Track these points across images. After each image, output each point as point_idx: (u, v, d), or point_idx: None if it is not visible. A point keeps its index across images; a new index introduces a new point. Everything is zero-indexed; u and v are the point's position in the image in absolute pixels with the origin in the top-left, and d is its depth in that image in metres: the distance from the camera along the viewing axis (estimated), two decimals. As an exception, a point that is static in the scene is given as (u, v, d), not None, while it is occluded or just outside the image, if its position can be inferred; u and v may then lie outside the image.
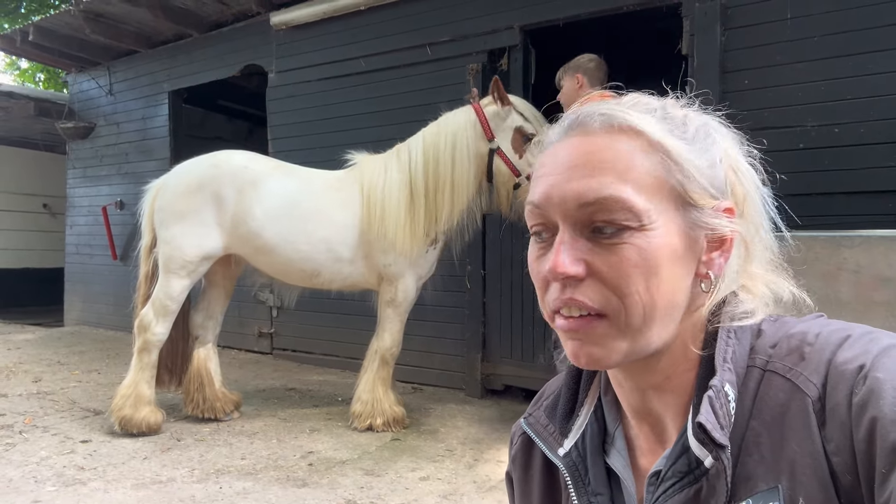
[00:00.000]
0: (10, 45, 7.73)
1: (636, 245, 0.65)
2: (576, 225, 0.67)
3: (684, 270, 0.68)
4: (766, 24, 3.85)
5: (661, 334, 0.68)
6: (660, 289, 0.66)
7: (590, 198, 0.66)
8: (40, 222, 10.94)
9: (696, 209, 0.68)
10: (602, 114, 0.70)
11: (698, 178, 0.68)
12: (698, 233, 0.68)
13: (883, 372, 0.58)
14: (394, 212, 3.94)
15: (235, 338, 6.57)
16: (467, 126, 3.88)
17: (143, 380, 3.88)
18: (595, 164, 0.67)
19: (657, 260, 0.65)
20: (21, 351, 6.63)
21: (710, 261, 0.69)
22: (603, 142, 0.68)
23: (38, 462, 3.36)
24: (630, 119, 0.68)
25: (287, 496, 2.97)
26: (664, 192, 0.67)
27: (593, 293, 0.66)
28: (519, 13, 4.80)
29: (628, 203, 0.65)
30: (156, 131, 7.54)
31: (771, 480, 0.61)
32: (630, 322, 0.66)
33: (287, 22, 6.04)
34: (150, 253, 4.10)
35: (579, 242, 0.67)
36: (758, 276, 0.73)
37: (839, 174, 3.62)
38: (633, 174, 0.66)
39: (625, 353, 0.68)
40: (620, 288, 0.65)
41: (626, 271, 0.65)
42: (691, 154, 0.68)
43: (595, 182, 0.66)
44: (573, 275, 0.66)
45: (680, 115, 0.72)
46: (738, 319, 0.70)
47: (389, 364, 4.12)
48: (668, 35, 4.43)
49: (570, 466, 0.78)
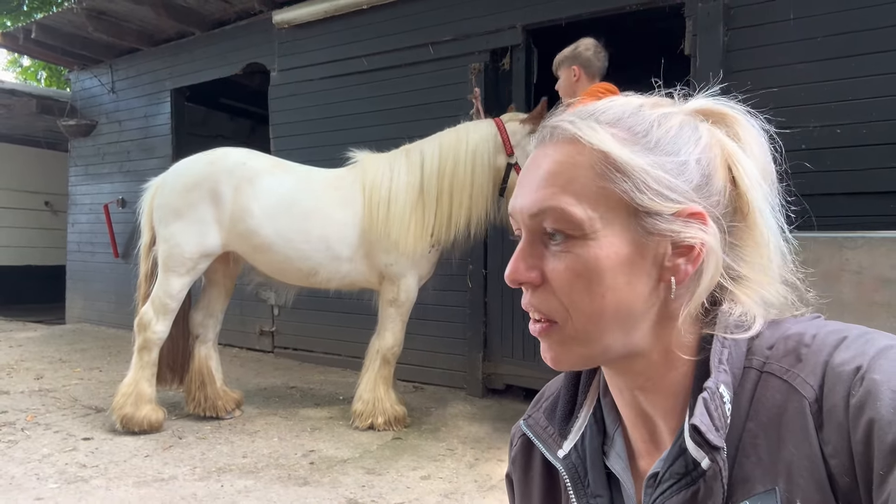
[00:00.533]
0: (13, 43, 7.73)
1: (577, 254, 0.67)
2: (531, 233, 0.71)
3: (638, 278, 0.67)
4: (769, 24, 3.85)
5: (620, 339, 0.68)
6: (605, 297, 0.66)
7: (535, 209, 0.69)
8: (42, 220, 10.96)
9: (651, 216, 0.66)
10: (554, 126, 0.72)
11: (651, 185, 0.66)
12: (654, 240, 0.67)
13: (880, 373, 0.58)
14: (400, 212, 3.95)
15: (237, 336, 6.58)
16: (489, 138, 3.95)
17: (144, 378, 3.88)
18: (544, 176, 0.70)
19: (599, 268, 0.66)
20: (23, 348, 6.65)
21: (674, 267, 0.67)
22: (554, 153, 0.70)
23: (40, 459, 3.37)
24: (574, 130, 0.69)
25: (288, 495, 2.98)
26: (611, 201, 0.66)
27: (544, 301, 0.70)
28: (521, 13, 4.80)
29: (566, 213, 0.67)
30: (158, 129, 7.55)
31: (768, 482, 0.61)
32: (577, 328, 0.69)
33: (289, 20, 6.04)
34: (149, 251, 4.11)
35: (537, 249, 0.71)
36: (753, 281, 0.70)
37: (841, 175, 3.61)
38: (574, 185, 0.67)
39: (581, 357, 0.71)
40: (565, 297, 0.68)
41: (568, 280, 0.68)
42: (645, 161, 0.67)
43: (541, 194, 0.69)
44: (525, 280, 0.70)
45: (652, 117, 0.70)
46: (733, 332, 0.68)
47: (391, 363, 4.13)
48: (671, 35, 4.43)
49: (570, 468, 0.78)
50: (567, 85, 3.50)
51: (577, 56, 3.46)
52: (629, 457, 0.79)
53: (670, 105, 0.73)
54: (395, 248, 3.96)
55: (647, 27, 5.31)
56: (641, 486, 0.73)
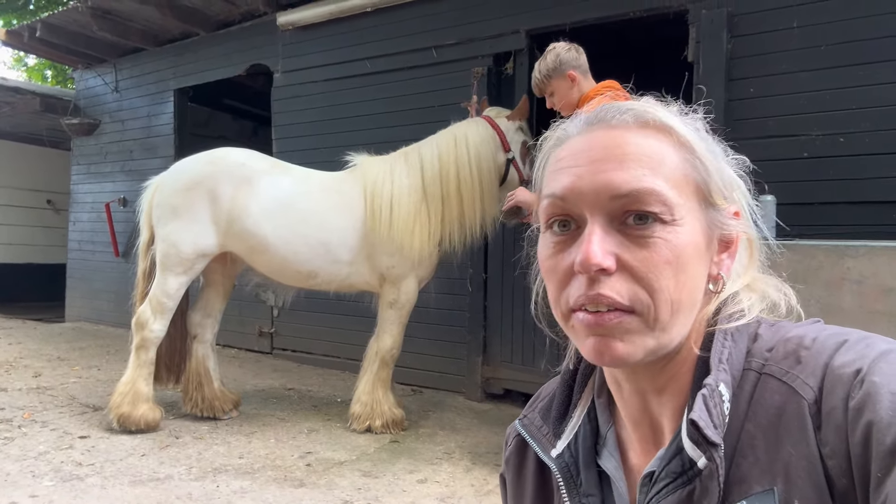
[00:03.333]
0: (18, 41, 7.75)
1: (666, 240, 0.65)
2: (607, 217, 0.67)
3: (702, 270, 0.69)
4: (773, 32, 3.84)
5: (680, 332, 0.69)
6: (686, 285, 0.66)
7: (623, 189, 0.66)
8: (44, 218, 10.97)
9: (714, 209, 0.70)
10: (630, 109, 0.71)
11: (717, 179, 0.70)
12: (715, 233, 0.70)
13: (880, 376, 0.58)
14: (404, 215, 3.95)
15: (236, 337, 6.57)
16: (488, 139, 4.01)
17: (141, 377, 3.87)
18: (627, 156, 0.67)
19: (685, 256, 0.66)
20: (22, 346, 6.64)
21: (720, 261, 0.71)
22: (633, 136, 0.69)
23: (36, 457, 3.36)
24: (660, 115, 0.70)
25: (284, 496, 2.97)
26: (690, 189, 0.68)
27: (622, 288, 0.65)
28: (525, 17, 4.80)
29: (662, 196, 0.65)
30: (161, 129, 7.56)
31: (766, 483, 0.61)
32: (659, 318, 0.66)
33: (293, 22, 6.05)
34: (148, 249, 4.10)
35: (610, 236, 0.66)
36: (760, 279, 0.75)
37: (844, 184, 3.61)
38: (664, 169, 0.67)
39: (649, 351, 0.67)
40: (651, 283, 0.65)
41: (656, 266, 0.65)
42: (710, 155, 0.70)
43: (628, 174, 0.66)
44: (606, 267, 0.64)
45: (692, 118, 0.74)
46: (734, 319, 0.70)
47: (389, 365, 4.12)
48: (675, 42, 4.43)
49: (563, 467, 0.78)
50: (565, 95, 3.21)
51: (562, 62, 3.20)
52: (622, 456, 0.78)
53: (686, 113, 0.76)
54: (399, 251, 3.96)
55: (651, 34, 5.31)
56: (635, 486, 0.73)
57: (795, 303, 0.74)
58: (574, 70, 3.19)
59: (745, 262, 0.74)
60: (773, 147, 3.75)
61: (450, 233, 4.02)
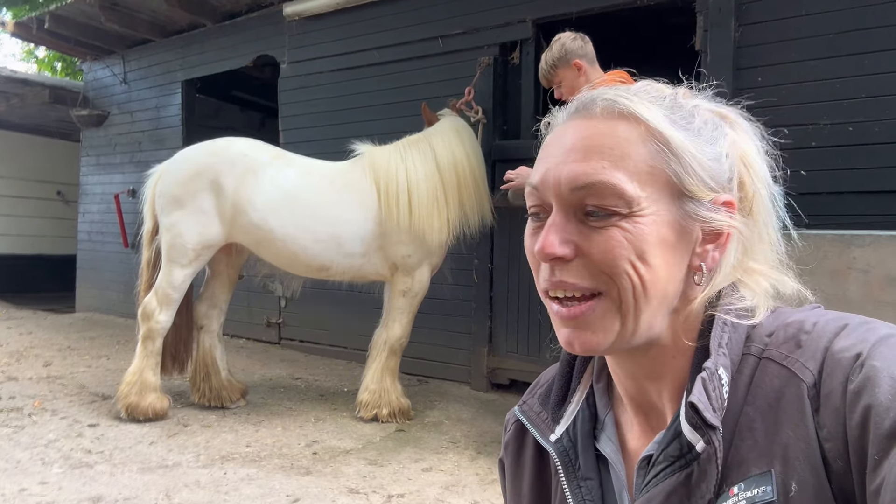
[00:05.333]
0: (27, 33, 7.79)
1: (624, 229, 0.65)
2: (567, 207, 0.68)
3: (675, 260, 0.68)
4: (781, 20, 3.80)
5: (651, 324, 0.68)
6: (648, 276, 0.66)
7: (581, 182, 0.66)
8: (54, 209, 11.03)
9: (693, 201, 0.68)
10: (605, 98, 0.70)
11: (697, 170, 0.67)
12: (692, 224, 0.68)
13: (880, 360, 0.58)
14: (426, 202, 3.96)
15: (244, 327, 6.61)
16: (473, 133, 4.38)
17: (149, 367, 3.90)
18: (591, 148, 0.67)
19: (644, 246, 0.65)
20: (32, 336, 6.71)
21: (703, 253, 0.69)
22: (603, 127, 0.68)
23: (45, 445, 3.40)
24: (631, 106, 0.68)
25: (290, 483, 2.99)
26: (659, 181, 0.67)
27: (582, 273, 0.67)
28: (531, 6, 4.77)
29: (618, 189, 0.65)
30: (169, 120, 7.58)
31: (764, 465, 0.61)
32: (624, 299, 0.66)
33: (300, 13, 6.04)
34: (152, 238, 4.09)
35: (570, 225, 0.68)
36: (759, 272, 0.73)
37: (852, 173, 3.57)
38: (627, 161, 0.66)
39: (617, 337, 0.68)
40: (610, 266, 0.66)
41: (613, 251, 0.65)
42: (693, 146, 0.68)
43: (589, 166, 0.66)
44: (560, 255, 0.66)
45: (689, 105, 0.72)
46: (737, 317, 0.69)
47: (398, 354, 4.14)
48: (682, 30, 4.40)
49: (561, 452, 0.79)
50: (572, 84, 3.19)
51: (568, 52, 3.18)
52: (620, 440, 0.79)
53: (694, 97, 0.74)
54: (417, 240, 3.97)
55: (658, 22, 5.27)
56: (633, 469, 0.73)
57: (796, 291, 0.74)
58: (581, 59, 3.17)
59: (740, 253, 0.72)
60: (781, 136, 3.71)
61: (461, 220, 4.06)
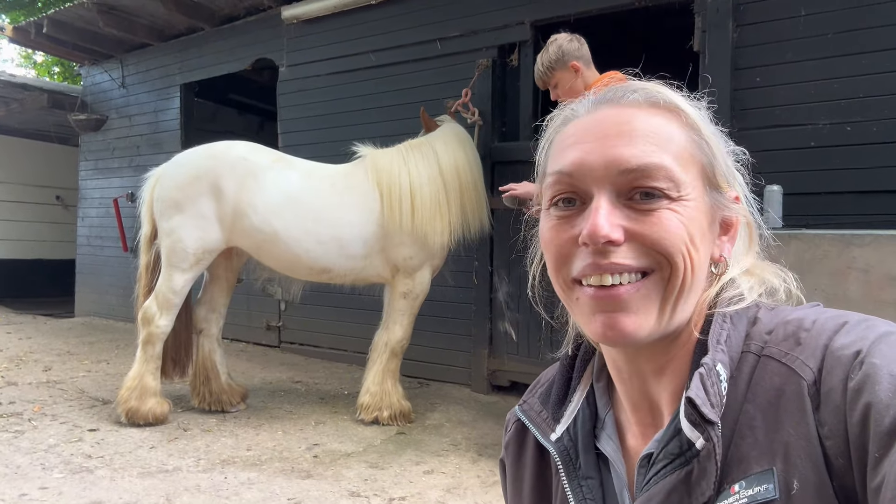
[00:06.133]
0: (25, 37, 7.79)
1: (675, 211, 0.66)
2: (614, 191, 0.67)
3: (707, 249, 0.70)
4: (779, 20, 3.81)
5: (686, 311, 0.69)
6: (696, 259, 0.67)
7: (633, 164, 0.66)
8: (53, 214, 11.04)
9: (718, 192, 0.70)
10: (642, 88, 0.72)
11: (721, 163, 0.71)
12: (717, 214, 0.71)
13: (879, 358, 0.58)
14: (428, 204, 3.96)
15: (244, 330, 6.60)
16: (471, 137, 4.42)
17: (149, 371, 3.89)
18: (636, 132, 0.68)
19: (693, 229, 0.66)
20: (32, 340, 6.70)
21: (721, 244, 0.72)
22: (642, 114, 0.70)
23: (46, 449, 3.40)
24: (669, 96, 0.71)
25: (291, 487, 2.99)
26: (696, 169, 0.69)
27: (635, 253, 0.66)
28: (529, 8, 4.78)
29: (670, 171, 0.66)
30: (167, 124, 7.58)
31: (765, 463, 0.61)
32: (674, 280, 0.66)
33: (298, 16, 6.05)
34: (150, 242, 4.07)
35: (617, 209, 0.67)
36: (755, 265, 0.75)
37: (850, 173, 3.58)
38: (672, 146, 0.68)
39: (655, 323, 0.67)
40: (665, 246, 0.65)
41: (671, 231, 0.66)
42: (717, 139, 0.71)
43: (637, 149, 0.67)
44: (614, 239, 0.65)
45: (697, 103, 0.74)
46: (733, 303, 0.70)
47: (399, 356, 4.14)
48: (680, 31, 4.40)
49: (562, 451, 0.79)
50: (569, 86, 3.17)
51: (565, 53, 3.16)
52: (620, 439, 0.79)
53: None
54: (419, 242, 3.97)
55: (656, 24, 5.28)
56: (633, 468, 0.73)
57: (795, 288, 0.74)
58: (577, 61, 3.17)
59: (744, 246, 0.75)
60: (780, 136, 3.72)
61: (462, 223, 4.07)
